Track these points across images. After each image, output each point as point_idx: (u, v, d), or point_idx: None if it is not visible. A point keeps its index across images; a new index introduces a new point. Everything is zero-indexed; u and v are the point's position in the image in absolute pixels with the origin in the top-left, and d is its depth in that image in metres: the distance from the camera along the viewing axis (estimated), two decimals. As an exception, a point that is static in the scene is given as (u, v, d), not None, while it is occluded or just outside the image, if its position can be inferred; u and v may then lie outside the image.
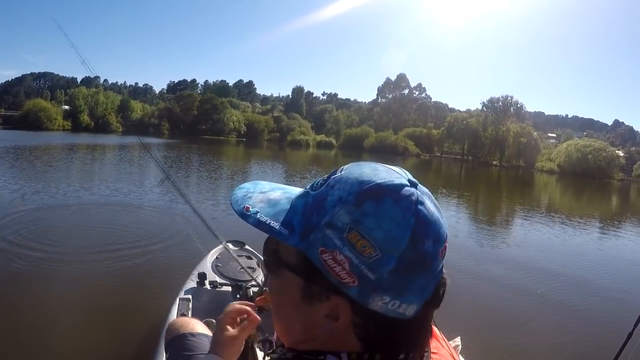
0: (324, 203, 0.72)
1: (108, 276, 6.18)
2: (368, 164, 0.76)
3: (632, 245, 13.81)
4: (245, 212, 0.77)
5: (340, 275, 0.68)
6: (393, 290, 0.68)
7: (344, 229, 0.68)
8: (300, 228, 0.72)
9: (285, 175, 25.36)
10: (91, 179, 16.45)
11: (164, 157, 27.03)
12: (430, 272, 0.70)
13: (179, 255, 7.14)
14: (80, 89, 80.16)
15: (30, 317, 4.82)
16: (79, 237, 8.00)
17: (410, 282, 0.68)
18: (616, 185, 56.15)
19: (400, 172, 0.73)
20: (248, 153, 45.65)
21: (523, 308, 6.77)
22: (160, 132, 71.05)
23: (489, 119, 75.99)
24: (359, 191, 0.69)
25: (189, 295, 3.51)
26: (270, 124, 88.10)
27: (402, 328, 0.71)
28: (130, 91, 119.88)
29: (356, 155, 58.52)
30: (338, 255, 0.68)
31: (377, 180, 0.70)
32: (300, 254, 0.72)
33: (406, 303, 0.69)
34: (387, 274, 0.67)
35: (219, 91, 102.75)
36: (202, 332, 2.10)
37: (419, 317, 0.72)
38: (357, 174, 0.72)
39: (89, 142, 40.11)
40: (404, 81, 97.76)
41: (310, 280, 0.72)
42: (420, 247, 0.68)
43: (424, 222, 0.69)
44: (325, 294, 0.70)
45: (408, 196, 0.69)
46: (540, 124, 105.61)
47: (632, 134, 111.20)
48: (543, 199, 28.77)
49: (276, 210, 0.76)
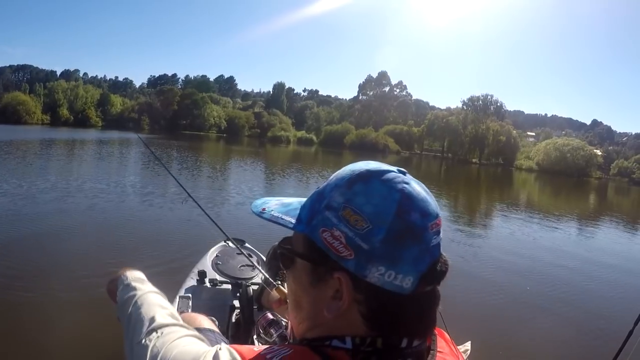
0: (323, 192, 0.82)
1: (107, 275, 6.10)
2: (363, 161, 0.85)
3: (631, 243, 13.98)
4: (262, 212, 0.88)
5: (339, 250, 0.75)
6: (386, 259, 0.73)
7: (339, 208, 0.76)
8: (306, 217, 0.81)
9: (266, 173, 25.29)
10: (90, 175, 16.17)
11: (145, 153, 26.80)
12: (422, 243, 0.75)
13: (179, 253, 7.08)
14: (60, 82, 79.25)
15: (29, 315, 4.77)
16: (77, 235, 7.90)
17: (402, 251, 0.74)
18: (594, 183, 56.93)
19: (391, 166, 0.83)
20: (229, 149, 45.39)
21: (523, 307, 6.81)
22: (140, 127, 70.39)
23: (469, 117, 76.78)
24: (350, 177, 0.79)
25: (189, 293, 3.49)
26: (250, 119, 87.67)
27: (402, 304, 0.75)
28: (110, 85, 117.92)
29: (336, 152, 58.55)
30: (335, 231, 0.76)
31: (367, 167, 0.81)
32: (307, 240, 0.80)
33: (402, 274, 0.73)
34: (379, 243, 0.73)
35: (199, 86, 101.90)
36: (208, 327, 2.12)
37: (418, 295, 0.76)
38: (350, 166, 0.83)
39: (86, 137, 39.73)
40: (385, 79, 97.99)
41: (315, 262, 0.79)
42: (407, 218, 0.74)
43: (409, 196, 0.76)
44: (329, 272, 0.77)
45: (394, 177, 0.78)
46: (520, 122, 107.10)
47: (610, 133, 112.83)
48: (530, 197, 29.20)
49: (288, 209, 0.86)
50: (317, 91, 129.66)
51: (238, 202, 12.95)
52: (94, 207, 10.37)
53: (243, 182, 18.58)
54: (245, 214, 10.88)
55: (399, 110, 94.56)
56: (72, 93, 73.77)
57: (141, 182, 15.18)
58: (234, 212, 11.51)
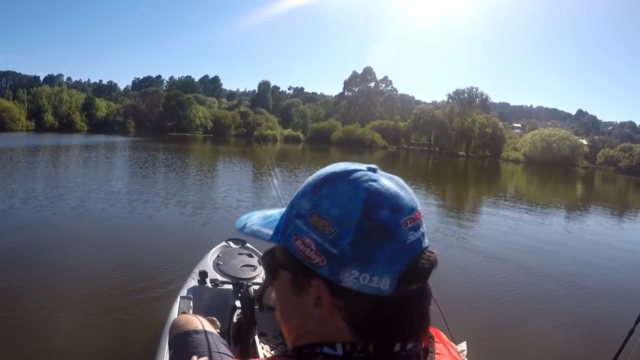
0: (293, 201, 0.81)
1: (109, 275, 6.12)
2: (333, 164, 0.83)
3: (631, 237, 14.17)
4: (244, 227, 0.87)
5: (311, 257, 0.73)
6: (358, 262, 0.71)
7: (307, 215, 0.75)
8: (281, 227, 0.80)
9: (254, 169, 25.25)
10: (94, 177, 16.32)
11: (130, 156, 26.68)
12: (395, 242, 0.72)
13: (180, 253, 7.07)
14: (44, 87, 77.95)
15: (32, 315, 4.77)
16: (80, 237, 7.92)
17: (373, 252, 0.71)
18: (581, 172, 57.40)
19: (361, 165, 0.80)
20: (216, 150, 45.25)
21: (522, 306, 6.81)
22: (125, 130, 69.96)
23: (454, 110, 77.06)
24: (316, 182, 0.78)
25: (190, 293, 3.50)
26: (237, 119, 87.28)
27: (384, 307, 0.72)
28: (94, 89, 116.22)
29: (324, 149, 58.57)
30: (306, 238, 0.74)
31: (332, 170, 0.79)
32: (284, 250, 0.79)
33: (377, 276, 0.71)
34: (348, 246, 0.71)
35: (184, 87, 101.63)
36: (207, 329, 2.13)
37: (401, 296, 0.73)
38: (318, 172, 0.81)
39: (79, 143, 39.49)
40: (370, 74, 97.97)
41: (294, 271, 0.78)
42: (375, 217, 0.72)
43: (376, 194, 0.73)
44: (307, 281, 0.75)
45: (360, 177, 0.76)
46: (506, 114, 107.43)
47: (596, 123, 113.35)
48: (519, 188, 29.34)
49: (267, 221, 0.85)
50: (302, 89, 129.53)
51: (231, 204, 12.90)
52: (89, 211, 10.32)
53: (234, 184, 18.67)
54: (244, 213, 10.85)
55: (384, 105, 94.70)
56: (57, 98, 72.77)
57: (143, 183, 15.12)
58: (233, 212, 11.47)
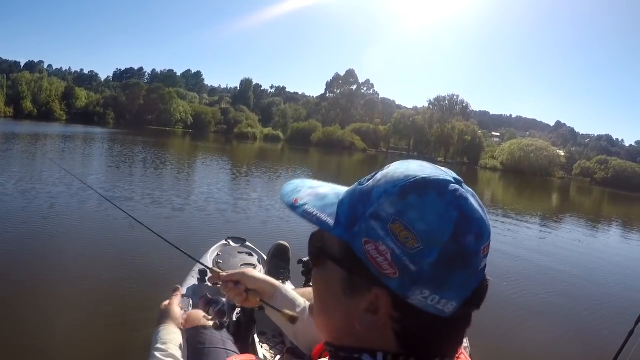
0: (369, 195, 0.73)
1: (108, 273, 6.07)
2: (416, 161, 0.77)
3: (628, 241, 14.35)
4: (295, 203, 0.79)
5: (382, 266, 0.68)
6: (433, 283, 0.68)
7: (388, 219, 0.68)
8: (346, 219, 0.73)
9: (232, 169, 25.19)
10: (95, 173, 15.98)
11: (110, 149, 26.42)
12: (471, 268, 0.70)
13: (180, 252, 6.99)
14: (24, 73, 77.12)
15: (30, 313, 4.70)
16: (79, 235, 7.81)
17: (450, 277, 0.68)
18: (557, 182, 58.16)
19: (447, 171, 0.75)
20: (195, 146, 44.87)
21: (522, 307, 6.85)
22: (105, 121, 69.36)
23: (435, 116, 77.87)
24: (404, 184, 0.70)
25: (190, 292, 3.51)
26: (217, 115, 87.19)
27: (438, 327, 0.71)
28: (75, 78, 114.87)
29: (303, 149, 58.54)
30: (381, 245, 0.68)
31: (422, 174, 0.71)
32: (344, 245, 0.73)
33: (445, 299, 0.69)
34: (428, 266, 0.67)
35: (166, 81, 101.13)
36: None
37: (456, 317, 0.71)
38: (403, 169, 0.74)
39: (77, 132, 38.64)
40: (353, 77, 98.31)
41: (352, 272, 0.72)
42: (462, 241, 0.68)
43: (467, 216, 0.69)
44: (366, 286, 0.71)
45: (452, 191, 0.70)
46: (485, 122, 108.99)
47: (573, 134, 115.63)
48: (495, 195, 29.53)
49: (324, 203, 0.77)
50: (284, 88, 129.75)
51: (231, 202, 12.74)
52: (92, 206, 10.12)
53: (234, 184, 18.43)
54: (245, 214, 10.98)
55: (365, 108, 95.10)
56: (36, 85, 71.95)
57: (143, 182, 14.92)
58: (233, 210, 11.41)
